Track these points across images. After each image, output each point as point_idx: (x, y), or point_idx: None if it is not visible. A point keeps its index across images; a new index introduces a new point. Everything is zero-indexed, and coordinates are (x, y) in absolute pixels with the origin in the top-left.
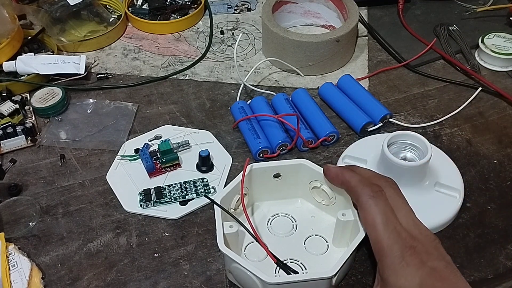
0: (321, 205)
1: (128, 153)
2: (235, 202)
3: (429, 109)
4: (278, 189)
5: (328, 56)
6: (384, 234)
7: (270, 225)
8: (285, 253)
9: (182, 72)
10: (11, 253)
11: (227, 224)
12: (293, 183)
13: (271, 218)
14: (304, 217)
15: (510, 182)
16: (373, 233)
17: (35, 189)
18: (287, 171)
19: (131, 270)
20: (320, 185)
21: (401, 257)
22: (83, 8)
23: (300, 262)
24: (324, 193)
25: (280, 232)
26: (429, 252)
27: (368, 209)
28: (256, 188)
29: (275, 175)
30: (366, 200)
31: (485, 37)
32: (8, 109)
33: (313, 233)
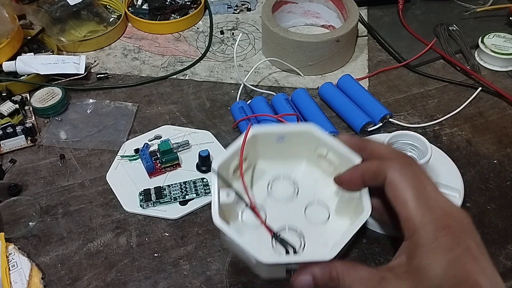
0: (326, 172)
1: (128, 153)
2: (235, 166)
3: (429, 109)
4: (281, 151)
5: (328, 56)
6: (416, 211)
7: (270, 188)
8: (284, 219)
9: (182, 72)
10: (11, 253)
11: (223, 193)
12: (298, 146)
13: (271, 180)
14: (306, 182)
15: (510, 182)
16: (403, 210)
17: (35, 189)
18: (292, 136)
19: (131, 270)
20: (326, 152)
21: (435, 237)
22: (83, 8)
23: (299, 230)
24: (330, 161)
25: (280, 196)
26: (463, 230)
27: (398, 183)
28: (257, 149)
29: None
30: (396, 173)
31: (485, 37)
32: (8, 109)
33: (315, 199)
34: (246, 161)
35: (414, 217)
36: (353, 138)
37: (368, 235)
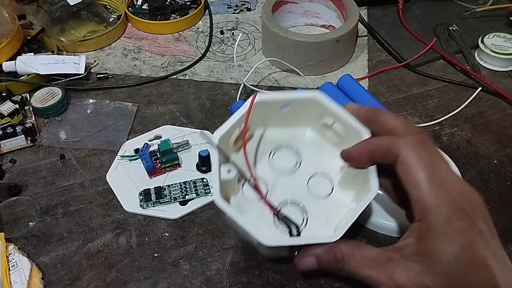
0: (331, 141)
1: (128, 153)
2: (236, 136)
3: (429, 109)
4: (285, 119)
5: (328, 56)
6: (429, 193)
7: (271, 158)
8: (286, 193)
9: (182, 72)
10: (11, 253)
11: (224, 169)
12: (303, 114)
13: (273, 150)
14: (310, 152)
15: (510, 182)
16: (415, 191)
17: (35, 189)
18: (298, 104)
19: (131, 270)
20: (333, 122)
21: (448, 220)
22: (83, 8)
23: (301, 205)
24: (335, 131)
25: (282, 168)
26: (476, 212)
27: (411, 163)
28: (259, 119)
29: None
30: (409, 153)
31: (485, 37)
32: (8, 109)
33: (318, 171)
34: (248, 131)
35: (427, 198)
36: (362, 108)
37: (368, 235)
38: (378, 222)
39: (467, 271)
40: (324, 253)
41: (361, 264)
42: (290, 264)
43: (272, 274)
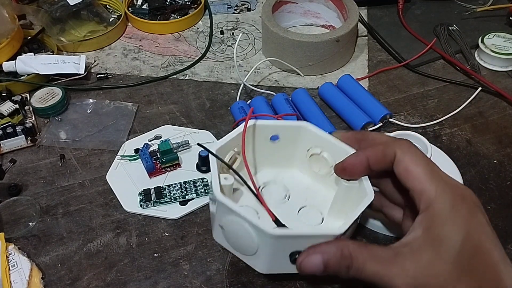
0: (318, 178)
1: (128, 153)
2: (228, 160)
3: (429, 109)
4: (273, 155)
5: (328, 56)
6: (431, 183)
7: (261, 191)
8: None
9: (182, 72)
10: (11, 253)
11: (222, 177)
12: (291, 150)
13: (262, 185)
14: (298, 188)
15: (510, 182)
16: (417, 183)
17: (35, 189)
18: (287, 133)
19: (131, 270)
20: (320, 151)
21: (452, 206)
22: (83, 8)
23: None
24: (324, 161)
25: (272, 200)
26: (476, 204)
27: (409, 160)
28: (250, 150)
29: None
30: (405, 152)
31: (485, 37)
32: (8, 109)
33: (307, 204)
34: (239, 158)
35: (430, 188)
36: (349, 132)
37: (368, 235)
38: (378, 222)
39: (473, 258)
40: (330, 250)
41: (369, 259)
42: None
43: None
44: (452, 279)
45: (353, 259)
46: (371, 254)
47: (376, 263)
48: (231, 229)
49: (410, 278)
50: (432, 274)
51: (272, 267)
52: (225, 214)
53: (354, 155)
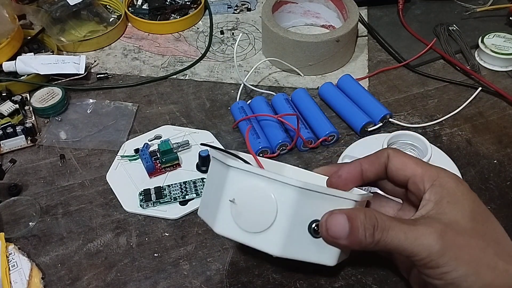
0: None
1: (128, 153)
2: None
3: (429, 109)
4: None
5: (328, 56)
6: (429, 167)
7: None
8: None
9: (182, 72)
10: (11, 253)
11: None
12: None
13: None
14: None
15: (510, 182)
16: (416, 169)
17: (35, 189)
18: None
19: (131, 270)
20: None
21: (455, 181)
22: (83, 8)
23: None
24: None
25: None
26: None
27: (402, 156)
28: None
29: None
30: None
31: (485, 37)
32: (8, 109)
33: None
34: None
35: (430, 169)
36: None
37: None
38: None
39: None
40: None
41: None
42: (290, 264)
43: (272, 274)
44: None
45: (378, 219)
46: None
47: (402, 224)
48: (245, 200)
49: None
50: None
51: (288, 245)
52: (239, 182)
53: (348, 164)
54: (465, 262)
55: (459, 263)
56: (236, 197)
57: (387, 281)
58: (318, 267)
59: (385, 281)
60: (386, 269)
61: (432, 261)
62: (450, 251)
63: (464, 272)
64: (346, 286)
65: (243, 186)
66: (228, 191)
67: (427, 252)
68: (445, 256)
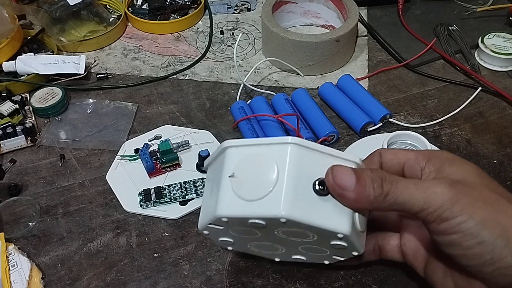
0: None
1: (128, 153)
2: None
3: (429, 109)
4: None
5: (328, 56)
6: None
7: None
8: None
9: (182, 72)
10: (11, 253)
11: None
12: None
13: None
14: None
15: (510, 182)
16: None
17: (35, 189)
18: None
19: (131, 270)
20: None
21: (452, 155)
22: (83, 8)
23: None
24: None
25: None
26: None
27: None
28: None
29: None
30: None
31: (485, 37)
32: (8, 109)
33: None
34: None
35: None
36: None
37: None
38: None
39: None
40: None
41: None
42: (290, 264)
43: (272, 274)
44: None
45: (386, 173)
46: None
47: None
48: (244, 170)
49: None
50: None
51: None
52: (236, 157)
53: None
54: (481, 208)
55: (475, 210)
56: (235, 172)
57: (387, 281)
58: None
59: (385, 281)
60: (386, 269)
61: (447, 211)
62: (464, 197)
63: (482, 218)
64: (346, 286)
65: (241, 158)
66: (227, 171)
67: (440, 201)
68: (459, 203)
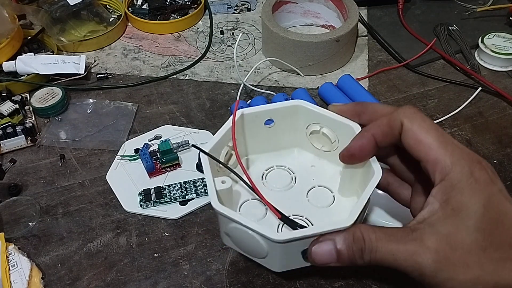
0: (322, 153)
1: (128, 153)
2: (224, 155)
3: (429, 109)
4: (271, 139)
5: (328, 56)
6: (445, 151)
7: (265, 180)
8: (286, 208)
9: (182, 72)
10: (11, 253)
11: (218, 180)
12: (288, 129)
13: (265, 172)
14: (303, 168)
15: (510, 182)
16: (430, 153)
17: (35, 189)
18: (281, 115)
19: (131, 270)
20: (320, 128)
21: (470, 172)
22: (83, 8)
23: (305, 217)
24: (325, 138)
25: (278, 186)
26: (493, 171)
27: (417, 127)
28: (245, 140)
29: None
30: (413, 119)
31: (485, 37)
32: (8, 109)
33: (316, 185)
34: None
35: (445, 156)
36: (348, 104)
37: None
38: (378, 222)
39: (497, 226)
40: (341, 236)
41: (383, 239)
42: None
43: (272, 274)
44: (476, 249)
45: (366, 241)
46: (384, 233)
47: (391, 242)
48: (237, 236)
49: (431, 252)
50: (454, 246)
51: (286, 266)
52: (228, 223)
53: (359, 137)
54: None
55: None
56: (229, 232)
57: (387, 281)
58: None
59: (385, 281)
60: (386, 269)
61: (425, 280)
62: (444, 271)
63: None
64: (346, 286)
65: (233, 226)
66: (222, 224)
67: (418, 272)
68: (438, 277)
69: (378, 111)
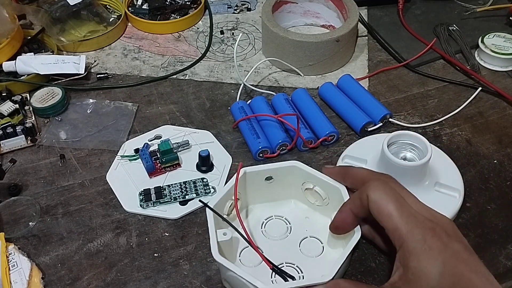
0: (315, 206)
1: (128, 153)
2: (228, 207)
3: (429, 109)
4: (271, 192)
5: (328, 56)
6: (401, 220)
7: (264, 229)
8: (280, 256)
9: (182, 72)
10: (11, 253)
11: (220, 232)
12: (286, 184)
13: (265, 221)
14: (298, 219)
15: (510, 182)
16: (389, 222)
17: (35, 189)
18: (280, 174)
19: (131, 270)
20: (313, 186)
21: (423, 240)
22: (83, 8)
23: (296, 265)
24: (317, 194)
25: (275, 235)
26: (448, 234)
27: (379, 199)
28: (248, 192)
29: (267, 178)
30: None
31: (485, 37)
32: (8, 109)
33: (308, 235)
34: (239, 202)
35: (400, 225)
36: (335, 168)
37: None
38: None
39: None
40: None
41: None
42: None
43: None
44: None
45: None
46: None
47: None
48: (235, 282)
49: None
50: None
51: None
52: (226, 270)
53: (339, 212)
54: None
55: None
56: (227, 279)
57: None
58: None
59: (385, 281)
60: (386, 269)
61: None
62: None
63: None
64: None
65: (231, 274)
66: (222, 271)
67: None
68: None
69: (357, 175)
